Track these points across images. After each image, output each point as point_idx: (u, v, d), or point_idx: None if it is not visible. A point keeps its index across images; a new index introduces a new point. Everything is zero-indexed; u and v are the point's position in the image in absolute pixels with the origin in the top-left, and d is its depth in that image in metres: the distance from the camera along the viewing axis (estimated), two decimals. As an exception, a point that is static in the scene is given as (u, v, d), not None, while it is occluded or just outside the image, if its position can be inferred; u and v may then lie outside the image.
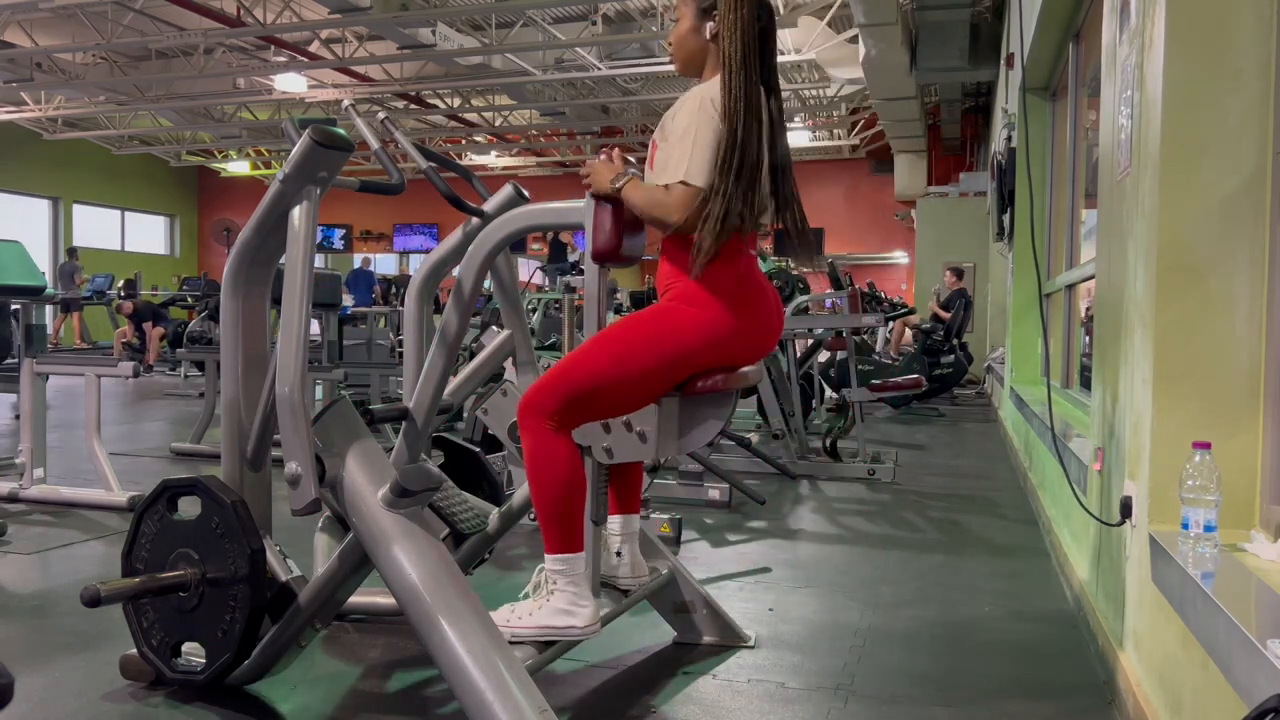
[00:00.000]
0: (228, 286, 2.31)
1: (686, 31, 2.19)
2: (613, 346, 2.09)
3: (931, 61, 10.35)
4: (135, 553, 2.25)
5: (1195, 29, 1.96)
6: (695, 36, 2.18)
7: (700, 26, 2.17)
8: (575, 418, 2.09)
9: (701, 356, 2.09)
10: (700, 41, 2.18)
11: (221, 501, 2.14)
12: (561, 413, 2.07)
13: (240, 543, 2.12)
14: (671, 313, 2.10)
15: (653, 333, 2.08)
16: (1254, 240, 1.91)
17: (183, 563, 2.18)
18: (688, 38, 2.19)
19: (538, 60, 13.55)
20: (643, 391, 2.10)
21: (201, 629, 2.17)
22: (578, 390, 2.06)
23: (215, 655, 2.15)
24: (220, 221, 23.70)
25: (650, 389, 2.10)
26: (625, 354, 2.07)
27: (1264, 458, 1.89)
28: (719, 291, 2.09)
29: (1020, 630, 2.83)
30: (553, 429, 2.06)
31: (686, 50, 2.21)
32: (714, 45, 2.15)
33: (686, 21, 2.19)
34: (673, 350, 2.07)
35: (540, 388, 2.09)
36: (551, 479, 2.06)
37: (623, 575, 2.40)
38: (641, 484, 2.52)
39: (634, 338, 2.08)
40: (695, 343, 2.07)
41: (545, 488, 2.07)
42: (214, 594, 2.15)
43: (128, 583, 2.15)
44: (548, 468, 2.06)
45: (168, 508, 2.24)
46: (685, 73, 2.25)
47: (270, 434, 2.28)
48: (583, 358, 2.09)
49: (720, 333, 2.08)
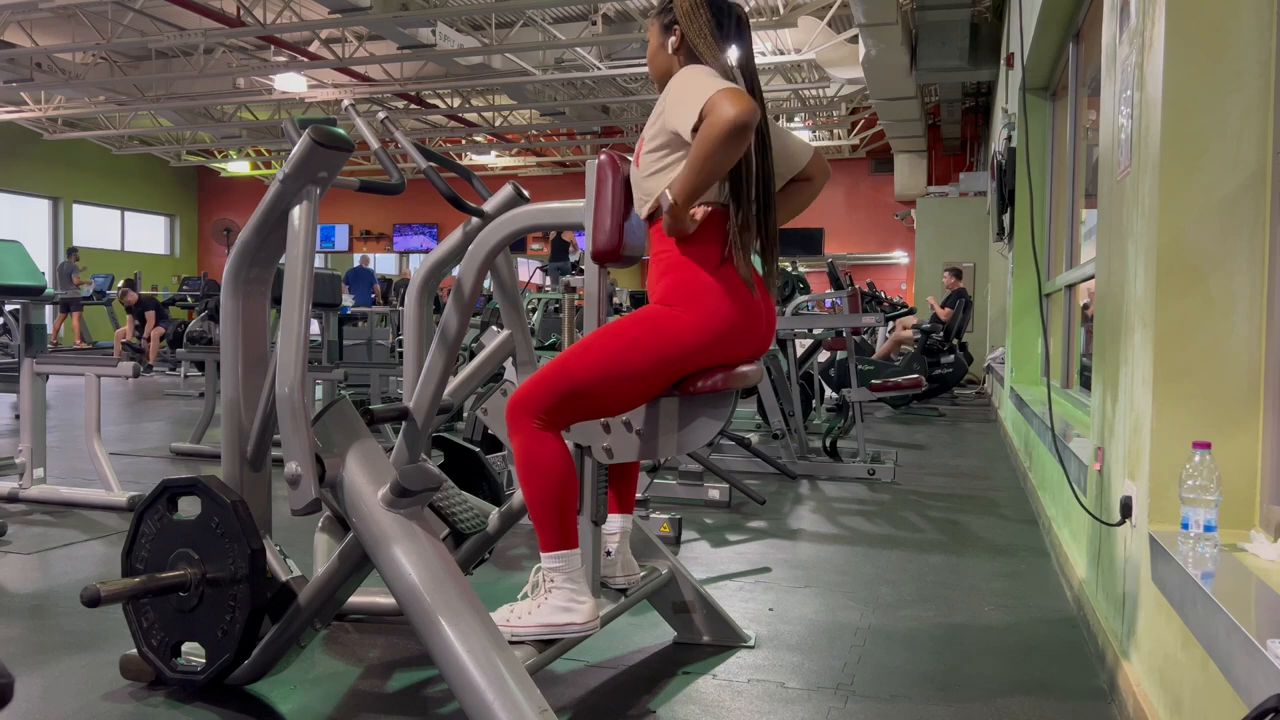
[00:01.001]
0: (228, 286, 2.31)
1: (655, 49, 2.24)
2: (601, 349, 2.09)
3: (931, 61, 10.35)
4: (135, 553, 2.25)
5: (1195, 29, 1.96)
6: (662, 53, 2.21)
7: (665, 42, 2.20)
8: (564, 417, 2.10)
9: (689, 360, 2.08)
10: (666, 57, 2.21)
11: (221, 501, 2.15)
12: (550, 412, 2.07)
13: (240, 543, 2.12)
14: (657, 316, 2.09)
15: (638, 336, 2.07)
16: (1254, 240, 1.91)
17: (183, 563, 2.18)
18: (657, 55, 2.24)
19: (538, 60, 13.56)
20: (631, 393, 2.10)
21: (201, 629, 2.17)
22: (565, 391, 2.07)
23: (215, 655, 2.15)
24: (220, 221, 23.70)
25: (639, 391, 2.10)
26: (612, 356, 2.07)
27: (1264, 458, 1.89)
28: (704, 292, 2.07)
29: (1020, 630, 2.83)
30: (541, 427, 2.07)
31: (658, 68, 2.24)
32: (677, 59, 2.18)
33: (654, 39, 2.24)
34: (658, 354, 2.06)
35: (529, 388, 2.09)
36: (542, 477, 2.07)
37: (613, 574, 2.41)
38: (637, 484, 2.52)
39: (621, 341, 2.08)
40: (681, 346, 2.06)
41: (536, 487, 2.07)
42: (214, 594, 2.15)
43: (128, 583, 2.15)
44: (538, 466, 2.07)
45: (168, 508, 2.25)
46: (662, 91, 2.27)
47: (270, 434, 2.28)
48: (571, 359, 2.09)
49: (705, 336, 2.07)
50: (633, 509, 2.49)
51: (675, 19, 2.18)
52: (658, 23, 2.22)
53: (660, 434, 2.15)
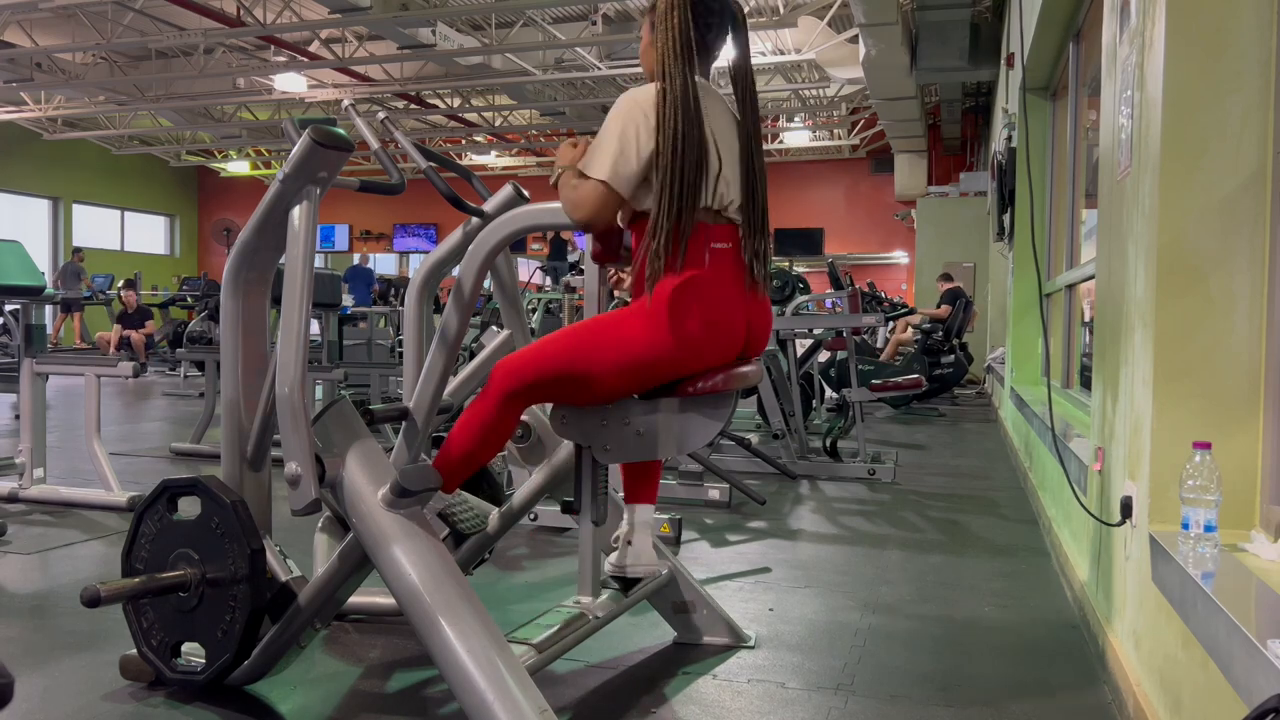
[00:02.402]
0: (227, 286, 2.31)
1: (645, 46, 2.25)
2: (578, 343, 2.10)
3: (931, 61, 10.35)
4: (135, 553, 2.25)
5: (1195, 29, 1.95)
6: (652, 49, 2.21)
7: (651, 39, 2.21)
8: (535, 399, 2.17)
9: (656, 369, 2.07)
10: (648, 55, 2.21)
11: (221, 501, 2.15)
12: (526, 393, 2.12)
13: (240, 543, 2.12)
14: (623, 323, 2.08)
15: (607, 340, 2.07)
16: (1254, 240, 1.91)
17: (183, 563, 2.18)
18: (646, 52, 2.24)
19: (538, 60, 13.56)
20: (602, 391, 2.10)
21: (201, 629, 2.17)
22: (542, 377, 2.10)
23: (215, 655, 2.15)
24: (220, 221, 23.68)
25: (612, 389, 2.10)
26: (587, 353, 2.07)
27: (1264, 458, 1.89)
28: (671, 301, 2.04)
29: (1020, 630, 2.83)
30: (509, 399, 2.12)
31: (647, 64, 2.24)
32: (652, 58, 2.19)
33: (645, 36, 2.25)
34: (625, 360, 2.05)
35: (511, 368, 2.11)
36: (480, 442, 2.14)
37: (630, 564, 2.38)
38: (659, 476, 2.50)
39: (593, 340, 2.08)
40: (643, 357, 2.05)
41: (467, 441, 2.14)
42: (214, 594, 2.15)
43: (128, 582, 2.15)
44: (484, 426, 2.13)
45: (168, 508, 2.24)
46: None
47: (270, 434, 2.28)
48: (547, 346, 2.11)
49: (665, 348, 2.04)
50: (654, 500, 2.46)
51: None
52: (648, 19, 2.23)
53: (660, 434, 2.15)
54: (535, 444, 2.65)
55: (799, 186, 19.67)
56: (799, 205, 19.24)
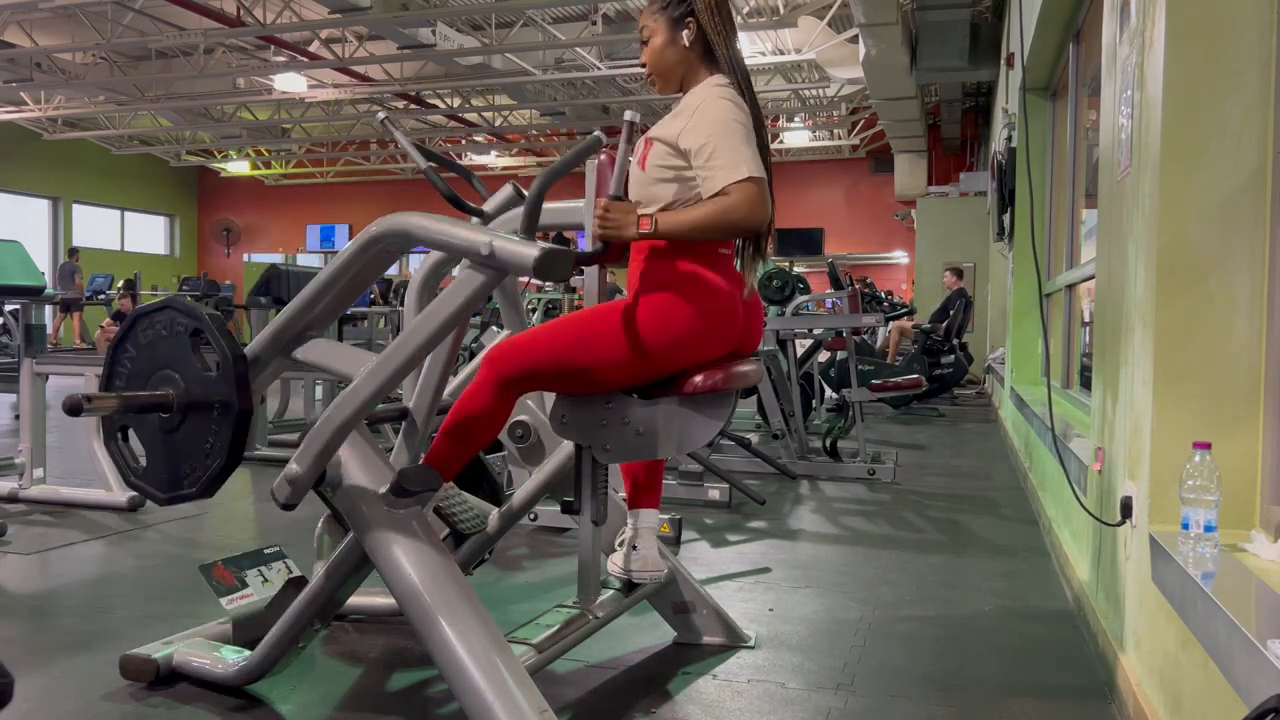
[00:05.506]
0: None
1: (662, 45, 2.20)
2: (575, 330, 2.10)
3: (931, 61, 10.35)
4: (112, 386, 2.17)
5: (1195, 29, 1.95)
6: (673, 48, 2.18)
7: (676, 36, 2.18)
8: (528, 387, 2.15)
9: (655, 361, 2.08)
10: (679, 51, 2.19)
11: (196, 315, 2.07)
12: (521, 381, 2.11)
13: (223, 354, 2.03)
14: (622, 311, 2.09)
15: (604, 330, 2.07)
16: (1254, 240, 1.91)
17: (164, 384, 2.09)
18: (665, 51, 2.20)
19: (538, 60, 13.56)
20: (599, 379, 2.10)
21: (189, 445, 2.08)
22: (537, 366, 2.09)
23: (206, 466, 2.06)
24: (220, 221, 23.70)
25: (609, 381, 2.10)
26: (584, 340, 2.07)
27: (1264, 458, 1.89)
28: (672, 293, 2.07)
29: (1020, 630, 2.83)
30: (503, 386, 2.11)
31: (666, 63, 2.21)
32: (692, 52, 2.18)
33: (661, 35, 2.20)
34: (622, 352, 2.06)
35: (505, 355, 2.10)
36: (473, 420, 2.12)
37: (636, 569, 2.38)
38: (662, 480, 2.50)
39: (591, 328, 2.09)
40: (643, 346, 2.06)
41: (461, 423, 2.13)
42: (198, 408, 2.07)
43: (113, 396, 2.06)
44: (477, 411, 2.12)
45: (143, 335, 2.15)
46: (666, 89, 2.25)
47: None
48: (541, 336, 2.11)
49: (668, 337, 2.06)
50: (658, 504, 2.46)
51: (689, 12, 2.16)
52: (664, 16, 2.18)
53: (660, 433, 2.15)
54: (535, 444, 2.65)
55: (799, 186, 19.68)
56: (799, 205, 19.25)
